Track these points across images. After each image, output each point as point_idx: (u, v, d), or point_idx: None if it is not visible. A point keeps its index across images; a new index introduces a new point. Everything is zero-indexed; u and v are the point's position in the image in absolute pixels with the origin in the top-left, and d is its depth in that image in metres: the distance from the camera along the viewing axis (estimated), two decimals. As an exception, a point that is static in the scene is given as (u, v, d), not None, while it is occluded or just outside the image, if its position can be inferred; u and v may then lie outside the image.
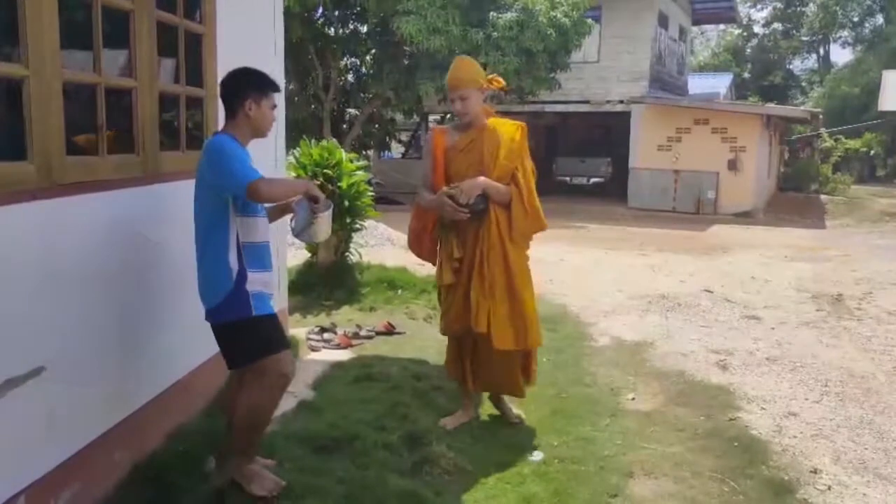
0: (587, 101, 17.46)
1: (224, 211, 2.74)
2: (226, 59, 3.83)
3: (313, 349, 5.05)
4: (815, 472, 3.47)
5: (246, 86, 2.84)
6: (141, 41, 3.07)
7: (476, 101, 3.53)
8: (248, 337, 2.84)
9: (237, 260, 2.77)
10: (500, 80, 3.72)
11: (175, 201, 3.40)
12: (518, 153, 3.58)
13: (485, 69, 13.03)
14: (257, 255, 2.85)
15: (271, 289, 2.97)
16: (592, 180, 19.20)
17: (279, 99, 3.26)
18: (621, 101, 17.10)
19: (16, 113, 2.43)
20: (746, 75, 38.89)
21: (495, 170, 3.52)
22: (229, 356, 2.92)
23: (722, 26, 39.70)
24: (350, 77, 16.45)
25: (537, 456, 3.46)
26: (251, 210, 2.81)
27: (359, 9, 14.62)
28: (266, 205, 2.95)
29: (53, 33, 2.48)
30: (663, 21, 18.31)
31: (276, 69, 4.69)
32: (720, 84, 26.20)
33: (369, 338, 5.39)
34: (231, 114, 2.86)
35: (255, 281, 2.82)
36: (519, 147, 3.59)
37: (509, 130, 3.59)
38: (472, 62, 3.67)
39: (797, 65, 42.07)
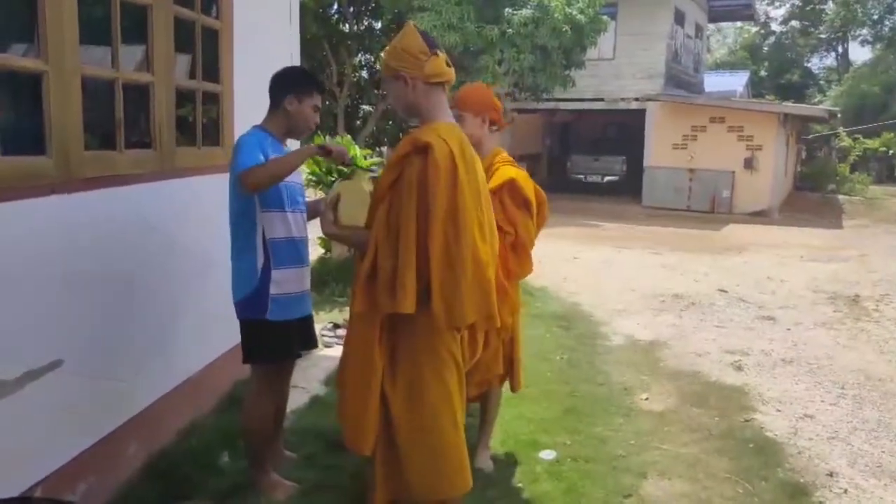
0: (602, 99, 17.35)
1: (250, 207, 2.74)
2: (242, 54, 3.85)
3: (326, 345, 5.05)
4: (831, 475, 3.43)
5: (290, 81, 2.87)
6: (158, 36, 3.09)
7: (398, 93, 2.43)
8: (255, 339, 2.85)
9: (263, 256, 2.76)
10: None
11: (191, 197, 3.42)
12: (390, 183, 2.31)
13: (499, 65, 12.77)
14: (286, 251, 2.81)
15: (303, 285, 2.93)
16: (607, 178, 19.13)
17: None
18: (636, 99, 16.98)
19: (35, 107, 2.45)
20: (763, 73, 38.53)
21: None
22: (243, 351, 2.94)
23: (739, 24, 39.38)
24: (364, 73, 16.46)
25: (550, 454, 3.44)
26: (274, 205, 2.77)
27: (373, 5, 14.64)
28: (300, 199, 2.93)
29: (73, 28, 2.50)
30: (679, 18, 18.16)
31: (292, 65, 4.71)
32: (737, 82, 25.95)
33: (382, 334, 5.38)
34: (273, 107, 2.88)
35: (282, 280, 2.79)
36: (392, 172, 2.32)
37: (402, 144, 2.36)
38: (400, 36, 2.44)
39: (815, 63, 41.69)
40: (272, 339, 2.84)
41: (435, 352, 2.40)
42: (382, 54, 2.62)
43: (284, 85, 2.86)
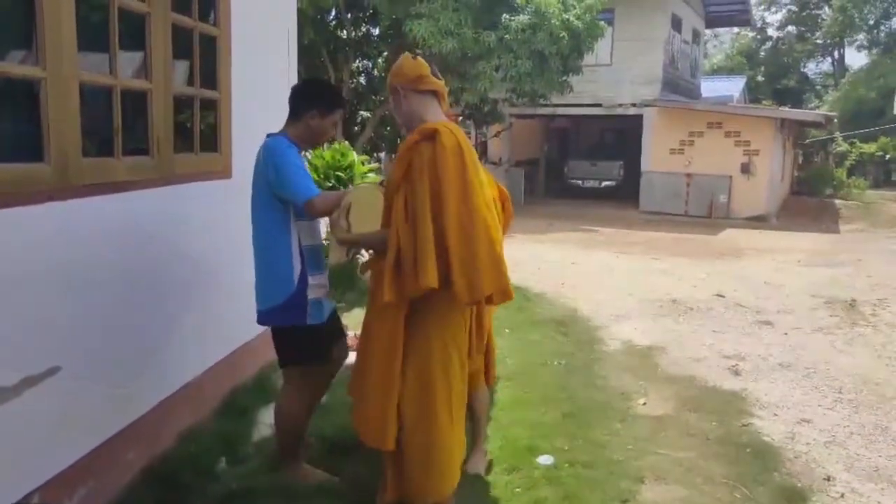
0: (599, 104, 17.39)
1: (287, 214, 2.83)
2: (240, 61, 3.86)
3: (324, 351, 5.05)
4: (828, 479, 3.44)
5: (316, 96, 2.97)
6: (156, 43, 3.10)
7: (396, 104, 2.67)
8: (296, 343, 2.95)
9: (300, 262, 2.86)
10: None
11: (189, 203, 3.43)
12: (402, 174, 2.43)
13: (497, 71, 12.75)
14: (315, 257, 2.94)
15: (326, 289, 3.03)
16: (604, 183, 19.16)
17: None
18: (634, 105, 17.02)
19: (33, 114, 2.46)
20: (760, 78, 38.65)
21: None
22: (279, 356, 3.04)
23: (735, 29, 39.53)
24: (362, 79, 16.47)
25: (548, 460, 3.44)
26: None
27: (371, 11, 14.64)
28: None
29: (71, 35, 2.51)
30: (676, 24, 18.22)
31: (289, 71, 4.73)
32: (733, 87, 26.04)
33: (380, 340, 5.39)
34: (294, 117, 2.95)
35: (315, 285, 2.91)
36: (402, 163, 2.44)
37: (410, 136, 2.51)
38: (400, 59, 2.70)
39: (811, 68, 41.85)
40: (311, 341, 2.95)
41: (444, 348, 2.51)
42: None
43: (309, 99, 2.94)
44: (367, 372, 2.57)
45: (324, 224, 3.09)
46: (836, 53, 39.80)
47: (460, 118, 16.58)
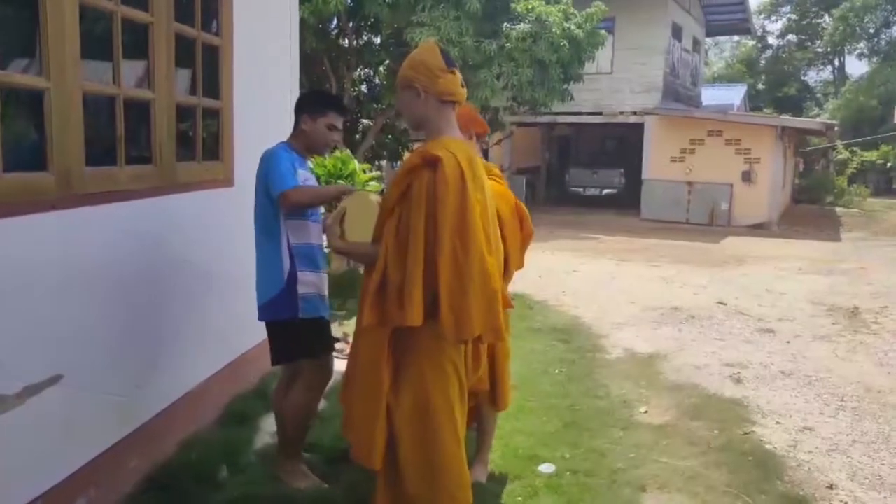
0: (600, 113, 17.44)
1: (276, 214, 2.94)
2: (242, 70, 3.88)
3: (326, 359, 5.05)
4: (830, 487, 3.43)
5: (306, 102, 3.14)
6: (159, 53, 3.12)
7: (409, 103, 2.44)
8: (290, 337, 3.03)
9: (289, 260, 2.97)
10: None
11: (191, 211, 3.44)
12: (398, 196, 2.32)
13: (498, 80, 12.72)
14: (307, 257, 3.02)
15: (322, 290, 3.10)
16: (605, 191, 19.18)
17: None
18: (634, 113, 17.06)
19: (36, 124, 2.47)
20: (761, 87, 38.72)
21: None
22: (272, 352, 3.11)
23: (736, 38, 39.63)
24: (363, 88, 16.51)
25: (549, 468, 3.44)
26: (299, 214, 2.98)
27: (373, 20, 14.70)
28: (318, 209, 3.14)
29: (74, 46, 2.53)
30: (677, 32, 18.29)
31: (291, 80, 4.75)
32: (734, 95, 26.08)
33: (381, 348, 5.39)
34: (294, 126, 3.12)
35: (306, 282, 3.00)
36: (400, 185, 2.32)
37: (411, 157, 2.38)
38: (420, 50, 2.48)
39: (812, 76, 41.88)
40: (309, 334, 3.05)
41: (439, 366, 2.40)
42: (402, 65, 2.48)
43: (301, 106, 3.12)
44: (353, 385, 2.52)
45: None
46: (836, 62, 39.88)
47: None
